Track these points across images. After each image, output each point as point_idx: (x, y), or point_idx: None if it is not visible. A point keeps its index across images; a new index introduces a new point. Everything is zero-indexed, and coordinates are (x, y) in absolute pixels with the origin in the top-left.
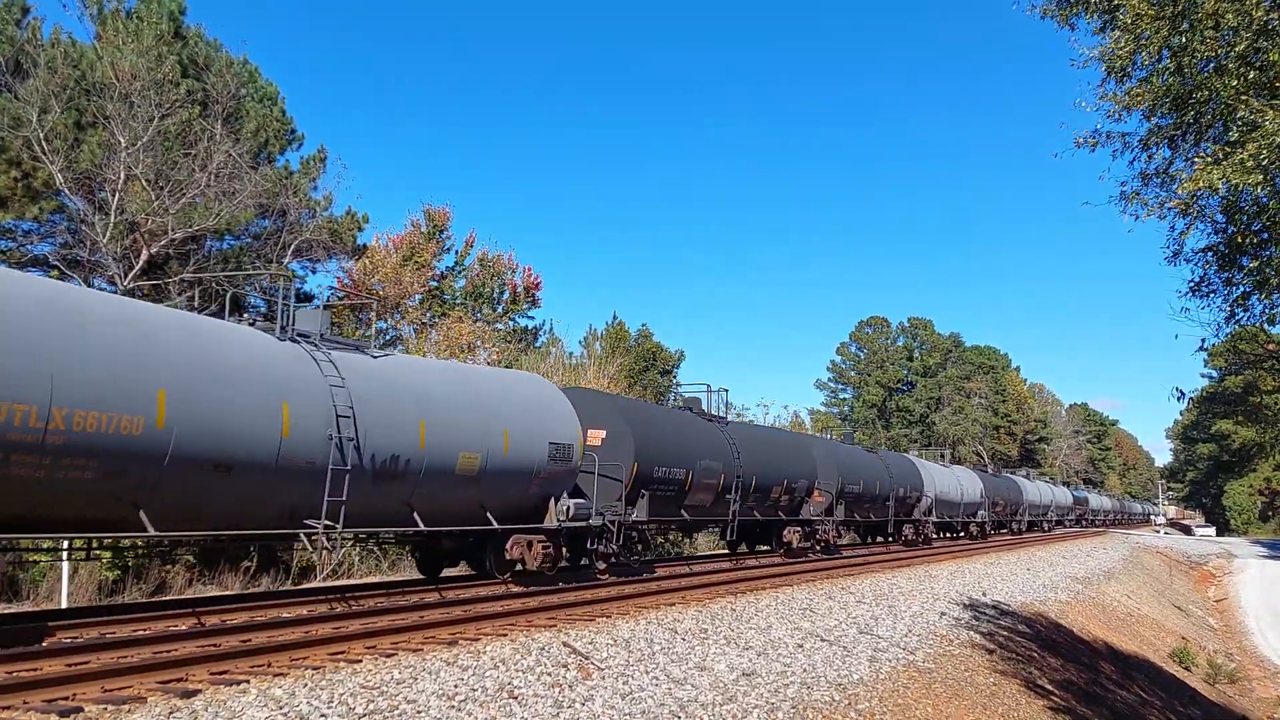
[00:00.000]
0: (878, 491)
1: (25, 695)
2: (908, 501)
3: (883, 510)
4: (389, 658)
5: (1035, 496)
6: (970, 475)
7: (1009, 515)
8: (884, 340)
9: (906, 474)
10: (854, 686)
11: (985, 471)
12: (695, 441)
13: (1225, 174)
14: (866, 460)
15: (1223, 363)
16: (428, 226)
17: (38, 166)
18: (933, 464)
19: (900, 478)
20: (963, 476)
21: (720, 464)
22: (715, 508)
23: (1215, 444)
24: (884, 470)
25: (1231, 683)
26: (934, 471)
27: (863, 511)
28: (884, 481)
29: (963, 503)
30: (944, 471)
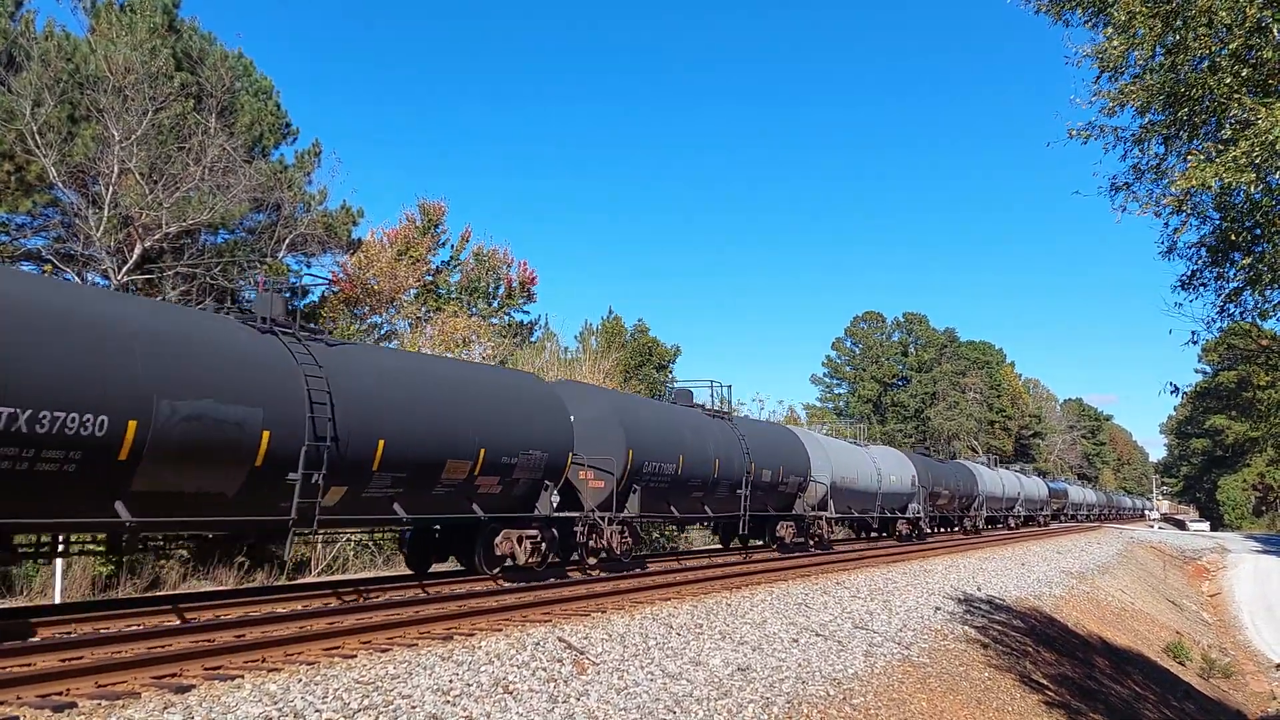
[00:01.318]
0: (715, 474)
1: (19, 690)
2: (782, 489)
3: (725, 502)
4: (384, 653)
5: (995, 487)
6: (896, 458)
7: (960, 510)
8: (879, 335)
9: (780, 451)
10: (849, 681)
11: (927, 455)
12: (710, 438)
13: (1218, 172)
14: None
15: (1216, 358)
16: (423, 221)
17: (31, 160)
18: (836, 442)
19: (768, 455)
20: (883, 459)
21: (735, 460)
22: (727, 503)
23: (1209, 439)
24: (720, 444)
25: (1225, 677)
26: (834, 451)
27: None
28: (723, 460)
29: (880, 492)
30: (851, 452)
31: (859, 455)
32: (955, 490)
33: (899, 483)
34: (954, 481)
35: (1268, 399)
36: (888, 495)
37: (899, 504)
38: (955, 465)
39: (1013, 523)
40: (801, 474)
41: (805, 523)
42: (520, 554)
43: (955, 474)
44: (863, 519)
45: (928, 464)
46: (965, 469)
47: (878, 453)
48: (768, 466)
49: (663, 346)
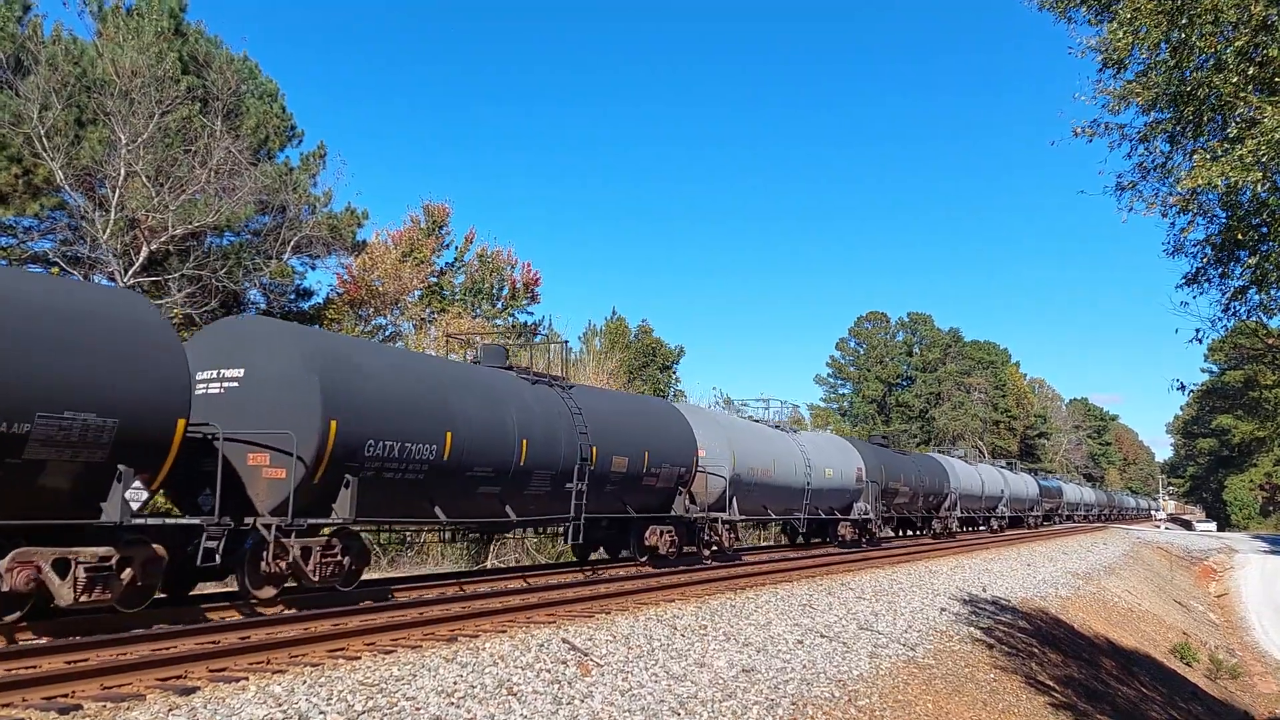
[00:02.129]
0: (519, 460)
1: (24, 693)
2: (651, 483)
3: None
4: (388, 654)
5: (972, 484)
6: (835, 447)
7: (927, 510)
8: (883, 335)
9: (646, 431)
10: (854, 683)
11: (884, 446)
12: (513, 408)
13: (1224, 171)
14: None
15: (1223, 357)
16: (427, 222)
17: (38, 163)
18: (745, 423)
19: (623, 436)
20: (817, 447)
21: (562, 440)
22: (548, 502)
23: (1216, 439)
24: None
25: (1233, 678)
26: (739, 435)
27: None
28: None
29: (810, 488)
30: (767, 438)
31: (779, 442)
32: (919, 487)
33: (838, 477)
34: (918, 477)
35: (1274, 398)
36: (822, 492)
37: (840, 503)
38: (921, 458)
39: (995, 525)
40: (683, 462)
41: (695, 527)
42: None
43: (920, 468)
44: (787, 521)
45: (882, 455)
46: (933, 462)
47: (810, 439)
48: (623, 452)
49: (666, 347)
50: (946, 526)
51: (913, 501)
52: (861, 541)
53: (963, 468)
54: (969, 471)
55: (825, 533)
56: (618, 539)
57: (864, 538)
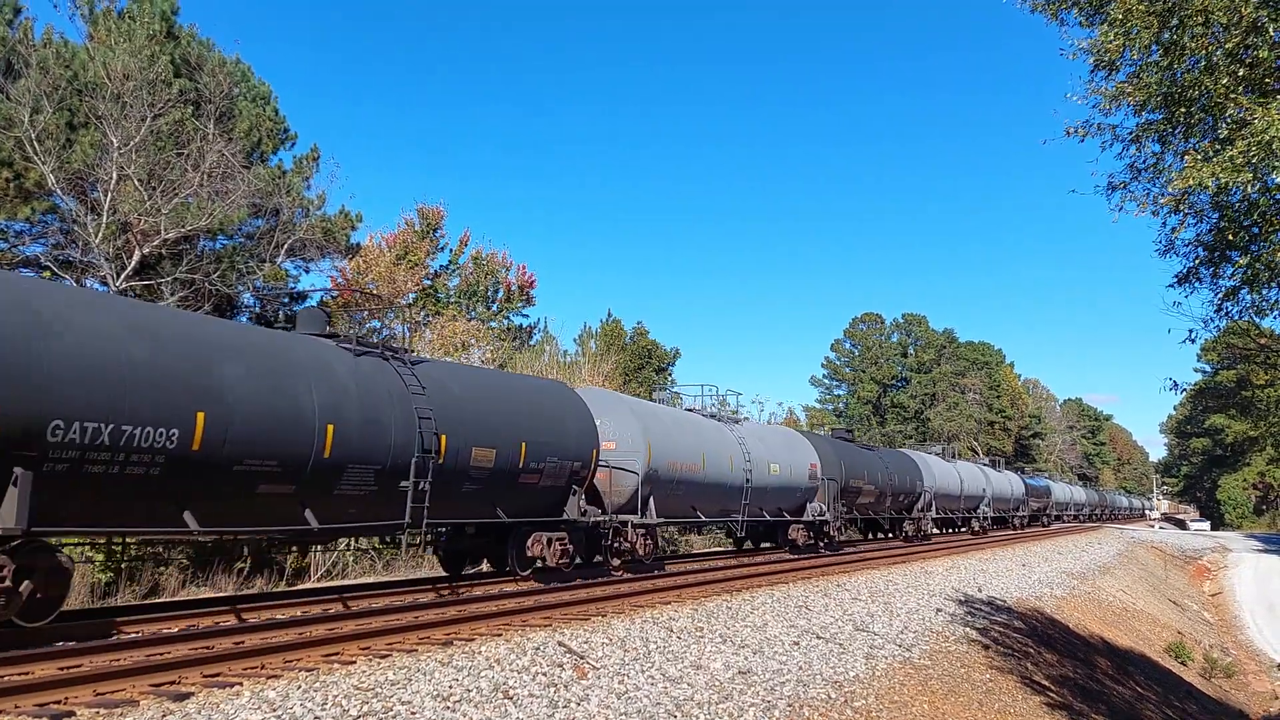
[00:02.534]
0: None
1: (17, 699)
2: (530, 480)
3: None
4: (383, 659)
5: (949, 483)
6: (783, 439)
7: (896, 510)
8: (878, 336)
9: (516, 416)
10: (850, 684)
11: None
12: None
13: (1215, 171)
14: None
15: (1216, 357)
16: (421, 225)
17: (29, 167)
18: (667, 409)
19: (484, 421)
20: (760, 439)
21: (391, 427)
22: (380, 505)
23: (1209, 438)
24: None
25: (1227, 677)
26: (656, 424)
27: None
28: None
29: (750, 486)
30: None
31: (711, 433)
32: (887, 486)
33: (786, 473)
34: (885, 474)
35: (1267, 397)
36: (766, 490)
37: (790, 503)
38: (890, 454)
39: (977, 526)
40: (578, 456)
41: (599, 534)
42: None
43: (888, 465)
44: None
45: (842, 450)
46: (904, 459)
47: (752, 431)
48: (488, 442)
49: (662, 349)
50: (920, 529)
51: (879, 501)
52: (819, 546)
53: (939, 465)
54: (945, 469)
55: (776, 536)
56: (497, 549)
57: (821, 542)
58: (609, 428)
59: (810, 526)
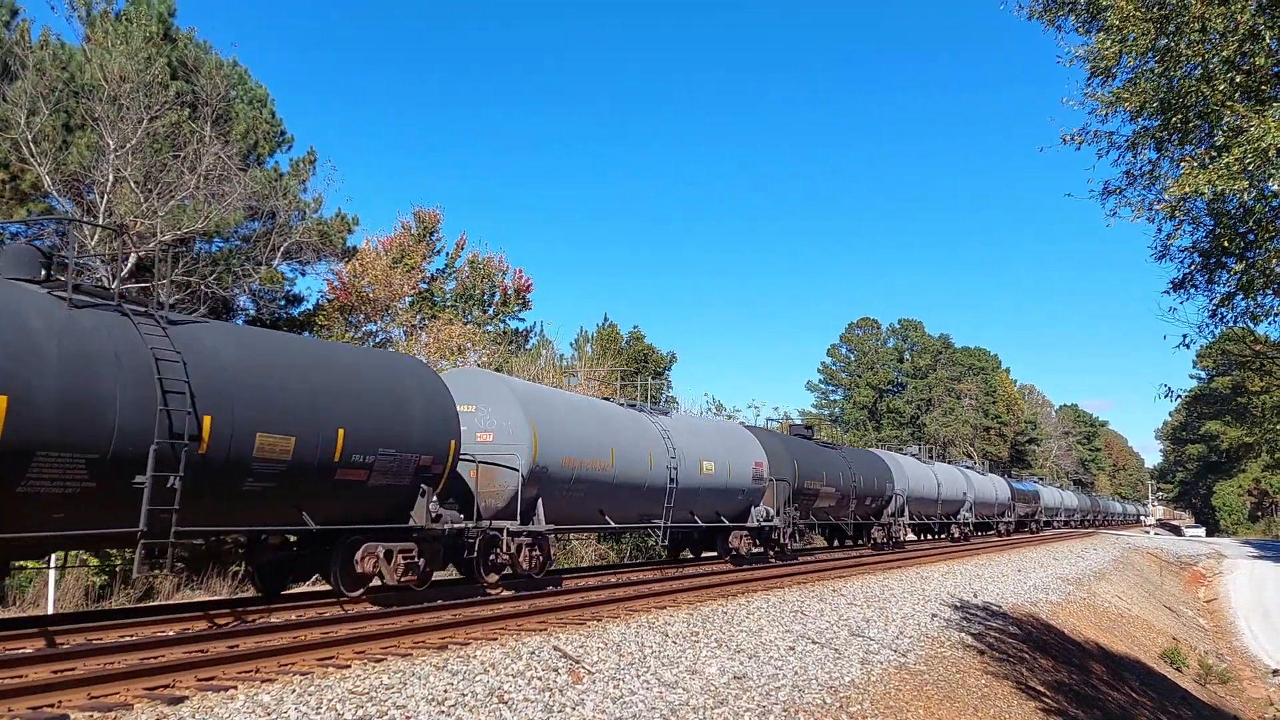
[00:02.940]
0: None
1: (10, 703)
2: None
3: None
4: (378, 663)
5: (924, 485)
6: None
7: (863, 515)
8: (874, 342)
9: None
10: (846, 689)
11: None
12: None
13: (1211, 178)
14: None
15: (1211, 364)
16: (418, 228)
17: (26, 169)
18: (562, 394)
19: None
20: (688, 432)
21: (110, 406)
22: (98, 510)
23: (1204, 445)
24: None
25: (1222, 683)
26: (549, 411)
27: None
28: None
29: (677, 488)
30: (602, 416)
31: (624, 423)
32: (850, 488)
33: (724, 472)
34: (848, 475)
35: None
36: (697, 492)
37: (731, 506)
38: (856, 454)
39: (956, 532)
40: (429, 448)
41: (464, 544)
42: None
43: (852, 465)
44: (638, 530)
45: (797, 448)
46: (874, 460)
47: (680, 423)
48: (284, 429)
49: (658, 353)
50: (891, 535)
51: (842, 505)
52: (768, 554)
53: (913, 466)
54: (920, 471)
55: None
56: (323, 564)
57: (771, 550)
58: (485, 415)
59: (756, 533)
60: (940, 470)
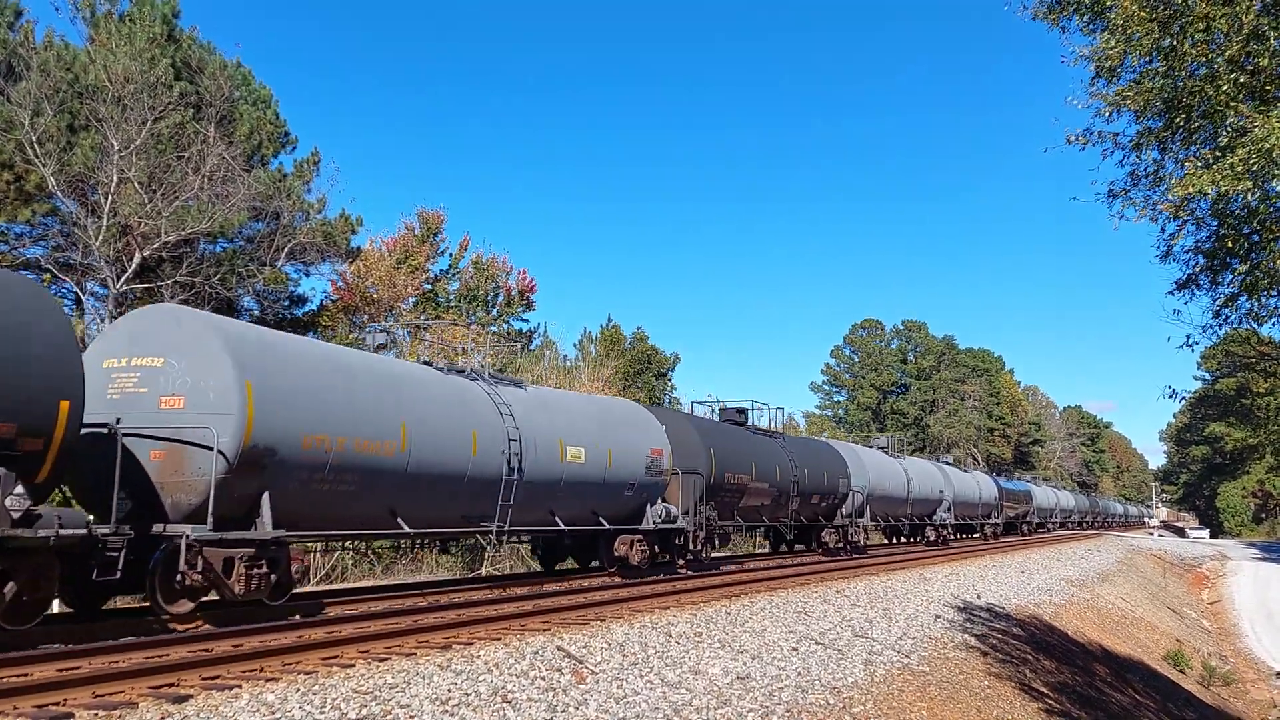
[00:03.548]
0: None
1: (15, 700)
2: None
3: None
4: (382, 662)
5: (890, 482)
6: (609, 412)
7: (812, 515)
8: (878, 343)
9: None
10: (849, 690)
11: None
12: None
13: (1215, 179)
14: None
15: (1215, 365)
16: (421, 229)
17: (30, 169)
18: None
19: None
20: (537, 409)
21: None
22: None
23: (1208, 446)
24: None
25: (1226, 685)
26: (278, 360)
27: None
28: None
29: (522, 480)
30: (393, 378)
31: (430, 390)
32: (791, 484)
33: (603, 462)
34: (789, 469)
35: (1267, 405)
36: (554, 486)
37: (616, 505)
38: (800, 443)
39: (932, 535)
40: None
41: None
42: None
43: (795, 458)
44: (457, 537)
45: (716, 434)
46: (825, 451)
47: (537, 398)
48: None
49: (661, 354)
50: (847, 537)
51: (778, 503)
52: (676, 563)
53: (877, 460)
54: (886, 466)
55: (599, 551)
56: None
57: (681, 558)
58: (176, 372)
59: (655, 537)
60: (912, 465)
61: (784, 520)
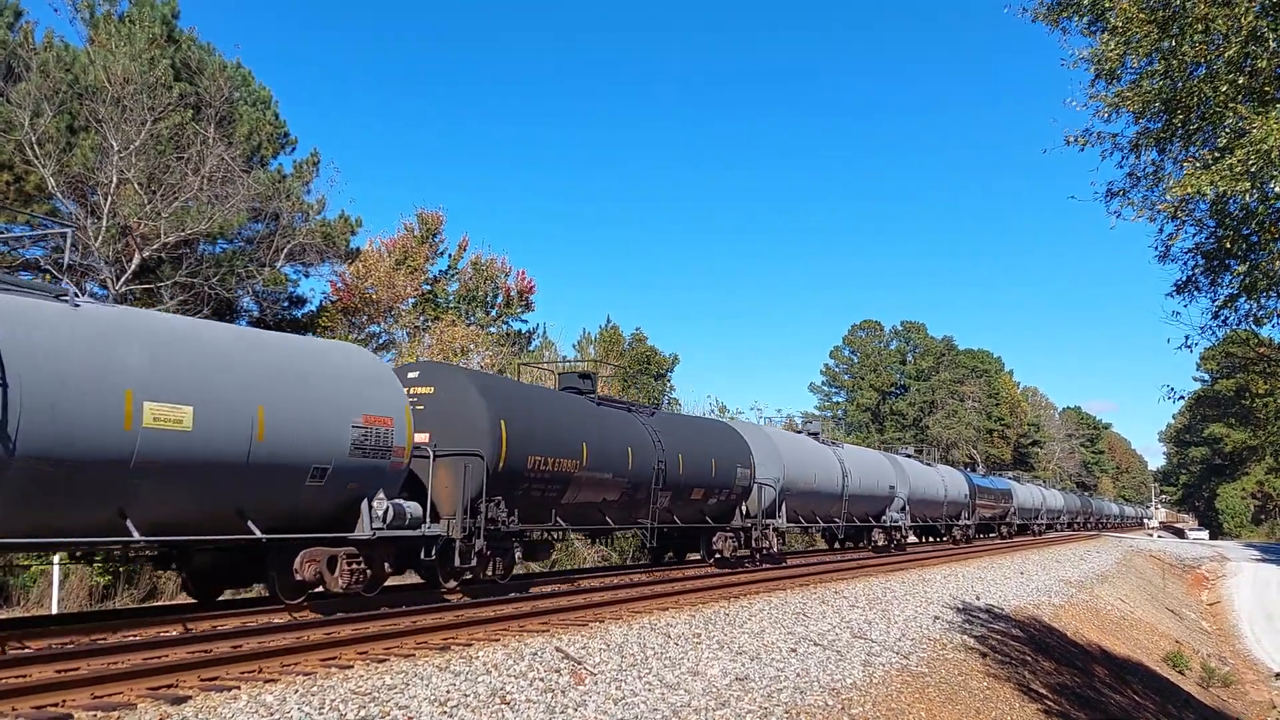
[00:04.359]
0: None
1: (14, 702)
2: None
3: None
4: (381, 663)
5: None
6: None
7: (693, 515)
8: (877, 344)
9: None
10: (847, 691)
11: (576, 387)
12: None
13: (1214, 179)
14: None
15: (1214, 366)
16: (421, 230)
17: (30, 170)
18: None
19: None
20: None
21: None
22: None
23: (1208, 447)
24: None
25: (1225, 686)
26: None
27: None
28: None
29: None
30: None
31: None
32: (654, 473)
33: (283, 434)
34: (649, 451)
35: (1266, 406)
36: (182, 471)
37: (300, 502)
38: (682, 422)
39: (881, 539)
40: None
41: None
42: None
43: (661, 437)
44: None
45: (520, 399)
46: (715, 429)
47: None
48: None
49: (661, 355)
50: (754, 543)
51: (632, 499)
52: (445, 582)
53: (797, 446)
54: (812, 454)
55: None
56: None
57: (450, 577)
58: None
59: (378, 549)
60: (852, 455)
61: (644, 522)
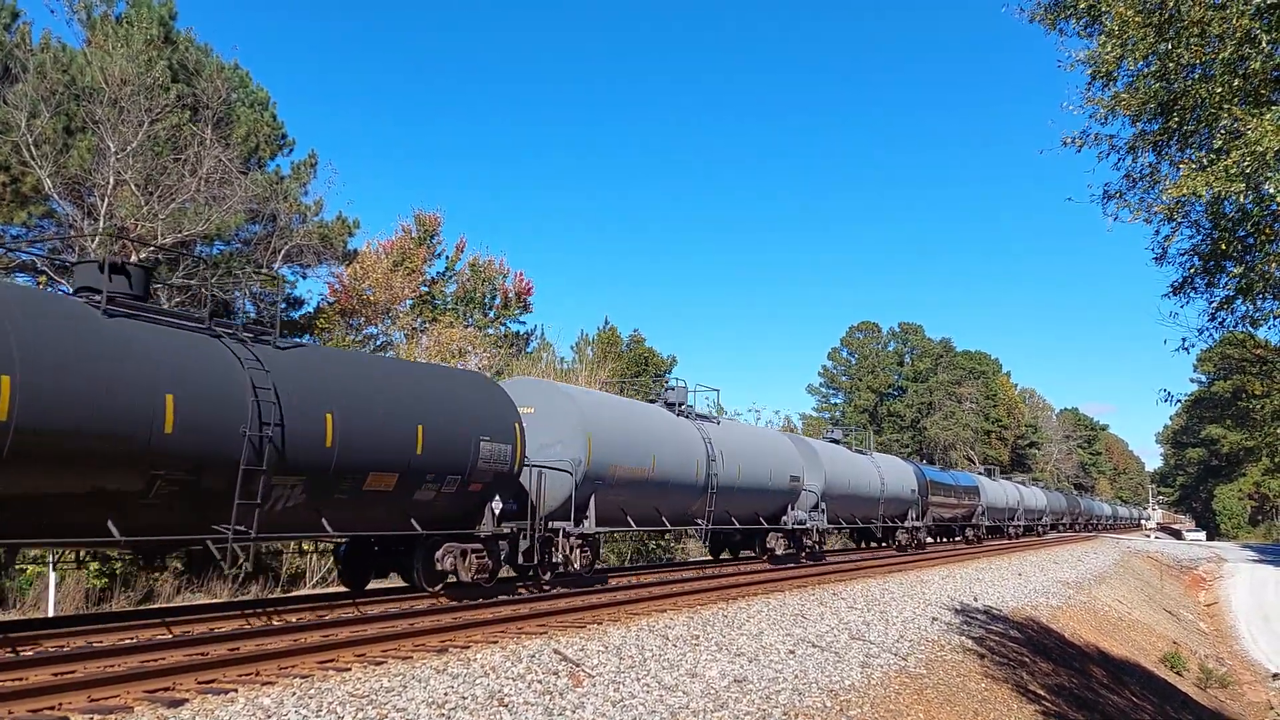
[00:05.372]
0: None
1: (10, 705)
2: None
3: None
4: (378, 666)
5: (651, 456)
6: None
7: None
8: (875, 345)
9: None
10: (846, 692)
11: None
12: None
13: (1209, 181)
14: None
15: (1211, 367)
16: (418, 232)
17: (26, 171)
18: None
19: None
20: None
21: None
22: None
23: (1205, 449)
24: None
25: (1223, 687)
26: None
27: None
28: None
29: None
30: None
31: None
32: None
33: None
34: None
35: (1263, 408)
36: None
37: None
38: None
39: (779, 547)
40: None
41: None
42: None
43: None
44: None
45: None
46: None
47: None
48: None
49: (659, 356)
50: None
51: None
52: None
53: (624, 414)
54: (650, 427)
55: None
56: None
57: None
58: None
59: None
60: (729, 433)
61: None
